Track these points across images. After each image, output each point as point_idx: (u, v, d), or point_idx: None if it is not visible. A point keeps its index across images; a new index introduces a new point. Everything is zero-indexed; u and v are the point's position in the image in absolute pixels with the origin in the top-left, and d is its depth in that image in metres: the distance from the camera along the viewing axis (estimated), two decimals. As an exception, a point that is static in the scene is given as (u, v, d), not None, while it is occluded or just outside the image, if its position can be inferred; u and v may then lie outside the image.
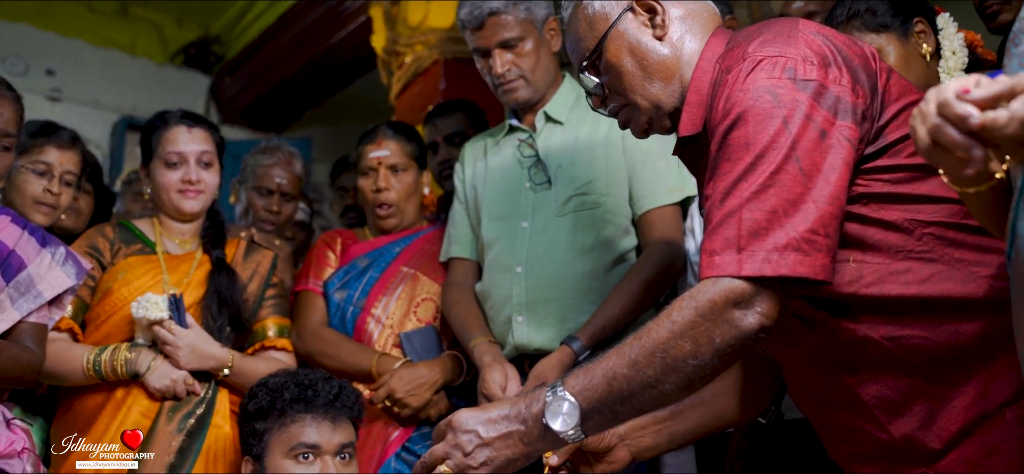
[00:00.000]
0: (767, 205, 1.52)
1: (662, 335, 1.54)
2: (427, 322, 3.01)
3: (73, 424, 2.70)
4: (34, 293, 2.52)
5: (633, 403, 1.58)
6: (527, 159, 2.80)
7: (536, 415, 1.61)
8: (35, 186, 2.81)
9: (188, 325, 2.71)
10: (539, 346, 2.68)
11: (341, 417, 2.46)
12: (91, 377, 2.65)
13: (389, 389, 2.84)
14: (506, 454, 1.63)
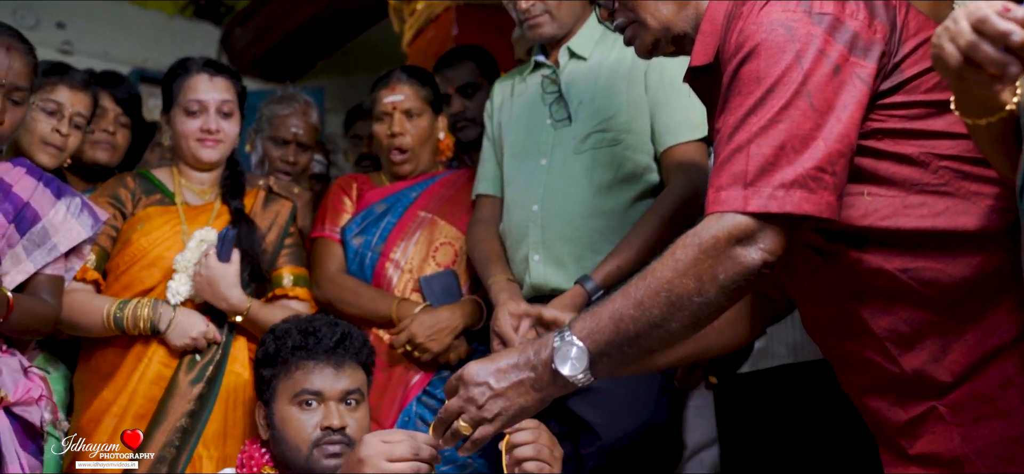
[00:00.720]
0: (775, 140, 1.52)
1: (666, 274, 1.55)
2: (446, 266, 3.01)
3: (95, 373, 2.74)
4: (49, 246, 2.54)
5: (640, 344, 1.58)
6: (549, 95, 2.78)
7: (545, 361, 1.62)
8: (44, 125, 2.78)
9: (228, 261, 2.73)
10: (555, 286, 2.68)
11: (346, 363, 2.43)
12: (111, 330, 2.68)
13: (409, 334, 2.86)
14: (519, 402, 1.65)
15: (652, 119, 2.67)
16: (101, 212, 2.66)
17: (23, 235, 2.50)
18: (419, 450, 1.85)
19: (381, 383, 2.88)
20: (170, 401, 2.70)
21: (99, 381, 2.72)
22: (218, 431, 2.74)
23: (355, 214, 3.11)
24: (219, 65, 2.92)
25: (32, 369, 2.51)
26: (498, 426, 1.67)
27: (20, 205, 2.50)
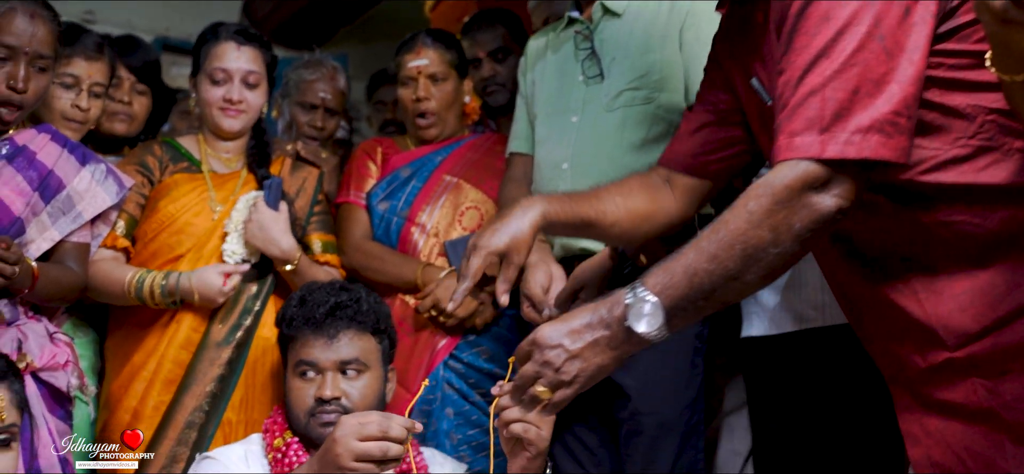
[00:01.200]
0: (850, 84, 1.48)
1: (740, 226, 1.52)
2: (472, 230, 2.99)
3: (125, 338, 2.75)
4: (74, 213, 2.54)
5: (716, 297, 1.56)
6: (582, 51, 2.75)
7: (619, 318, 1.59)
8: (63, 101, 2.76)
9: (277, 208, 2.74)
10: (584, 246, 2.65)
11: (342, 332, 2.41)
12: (133, 301, 2.68)
13: (434, 299, 2.85)
14: (596, 362, 1.62)
15: (686, 78, 2.64)
16: (127, 178, 2.66)
17: (48, 203, 2.50)
18: (389, 429, 1.88)
19: (408, 348, 2.88)
20: (199, 366, 2.71)
21: (129, 346, 2.73)
22: (246, 396, 2.75)
23: (380, 179, 3.10)
24: (249, 34, 2.88)
25: (58, 335, 2.53)
26: (577, 388, 1.65)
27: (45, 173, 2.50)
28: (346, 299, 2.45)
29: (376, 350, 2.46)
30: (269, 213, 2.74)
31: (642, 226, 2.06)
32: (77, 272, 2.56)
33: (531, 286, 2.64)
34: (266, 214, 2.74)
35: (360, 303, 2.46)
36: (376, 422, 1.89)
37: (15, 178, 2.46)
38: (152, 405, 2.68)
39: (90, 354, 2.78)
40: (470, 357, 2.92)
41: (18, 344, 2.41)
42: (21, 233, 2.46)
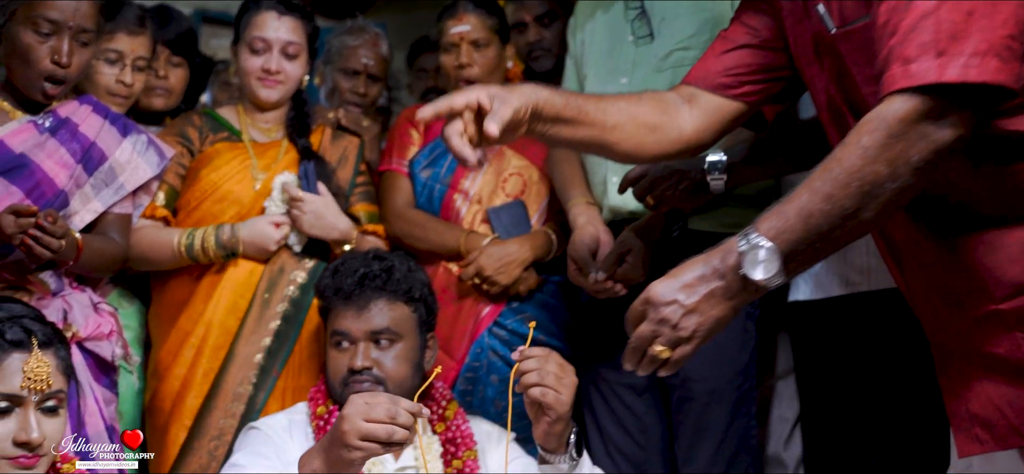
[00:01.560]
0: (964, 6, 1.43)
1: (854, 163, 1.47)
2: (515, 197, 2.97)
3: (169, 304, 2.75)
4: (116, 185, 2.54)
5: (832, 237, 1.52)
6: (632, 11, 2.70)
7: (733, 267, 1.54)
8: (107, 77, 2.76)
9: (319, 193, 2.72)
10: (633, 209, 2.62)
11: (373, 302, 2.40)
12: (184, 260, 2.68)
13: (478, 267, 2.83)
14: (713, 315, 1.57)
15: None
16: (167, 149, 2.65)
17: (90, 174, 2.51)
18: (396, 414, 1.87)
19: (451, 315, 2.86)
20: (244, 336, 2.70)
21: (174, 311, 2.72)
22: (295, 365, 2.74)
23: (422, 146, 3.08)
24: (289, 3, 2.84)
25: (102, 305, 2.54)
26: (697, 344, 1.60)
27: (87, 145, 2.50)
28: (376, 269, 2.44)
29: (410, 319, 2.45)
30: (318, 200, 2.73)
31: (647, 138, 1.97)
32: (119, 243, 2.56)
33: (578, 249, 2.62)
34: (317, 202, 2.73)
35: (392, 272, 2.44)
36: (384, 405, 1.88)
37: (59, 150, 2.47)
38: (202, 372, 2.68)
39: (135, 324, 2.79)
40: (514, 324, 2.89)
41: (63, 314, 2.43)
42: (65, 205, 2.47)
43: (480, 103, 1.76)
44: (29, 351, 1.79)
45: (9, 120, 2.46)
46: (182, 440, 2.64)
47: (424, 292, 2.49)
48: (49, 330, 1.86)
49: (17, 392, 1.78)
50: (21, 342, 1.79)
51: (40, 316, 1.88)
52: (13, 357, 1.78)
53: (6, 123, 2.45)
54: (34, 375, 1.79)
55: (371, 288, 2.41)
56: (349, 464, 1.91)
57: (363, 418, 1.87)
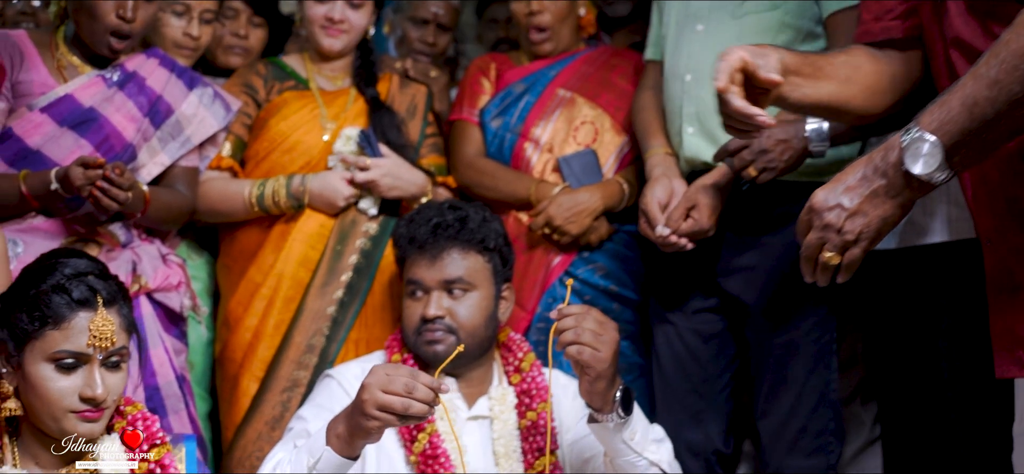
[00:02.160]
0: None
1: (1022, 45, 1.42)
2: (586, 145, 2.91)
3: (239, 256, 2.76)
4: (183, 138, 2.57)
5: (1000, 127, 1.47)
6: None
7: (895, 164, 1.51)
8: (174, 29, 2.77)
9: (383, 155, 2.71)
10: (708, 161, 2.56)
11: (446, 250, 2.38)
12: (254, 211, 2.68)
13: (547, 216, 2.77)
14: (878, 214, 1.55)
15: None
16: (233, 101, 2.66)
17: (157, 127, 2.54)
18: (413, 388, 1.88)
19: (522, 265, 2.82)
20: (316, 289, 2.70)
21: (244, 263, 2.73)
22: (368, 317, 2.74)
23: (493, 95, 3.03)
24: None
25: (170, 256, 2.57)
26: (864, 246, 1.58)
27: (154, 98, 2.53)
28: (451, 218, 2.42)
29: (485, 269, 2.43)
30: (390, 162, 2.71)
31: (872, 94, 1.90)
32: (186, 195, 2.59)
33: (648, 201, 2.56)
34: (387, 163, 2.71)
35: (466, 221, 2.42)
36: (402, 379, 1.90)
37: (126, 104, 2.50)
38: (273, 324, 2.69)
39: (204, 276, 2.81)
40: (586, 274, 2.84)
41: (132, 266, 2.46)
42: (133, 159, 2.50)
43: (744, 61, 1.74)
44: (94, 310, 1.82)
45: (78, 74, 2.49)
46: (254, 391, 2.65)
47: (499, 242, 2.47)
48: (113, 287, 1.88)
49: (84, 350, 1.81)
50: (87, 301, 1.82)
51: (104, 271, 1.90)
52: (80, 316, 1.81)
53: (75, 78, 2.48)
54: (100, 333, 1.81)
55: (445, 237, 2.39)
56: (367, 432, 1.93)
57: (381, 389, 1.89)
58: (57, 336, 1.80)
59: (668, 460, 2.17)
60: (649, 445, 2.14)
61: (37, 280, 1.84)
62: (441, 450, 2.29)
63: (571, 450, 2.35)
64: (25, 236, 2.39)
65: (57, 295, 1.81)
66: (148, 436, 1.94)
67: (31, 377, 1.81)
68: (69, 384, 1.81)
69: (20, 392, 1.84)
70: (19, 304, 1.83)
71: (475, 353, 2.37)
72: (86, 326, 1.81)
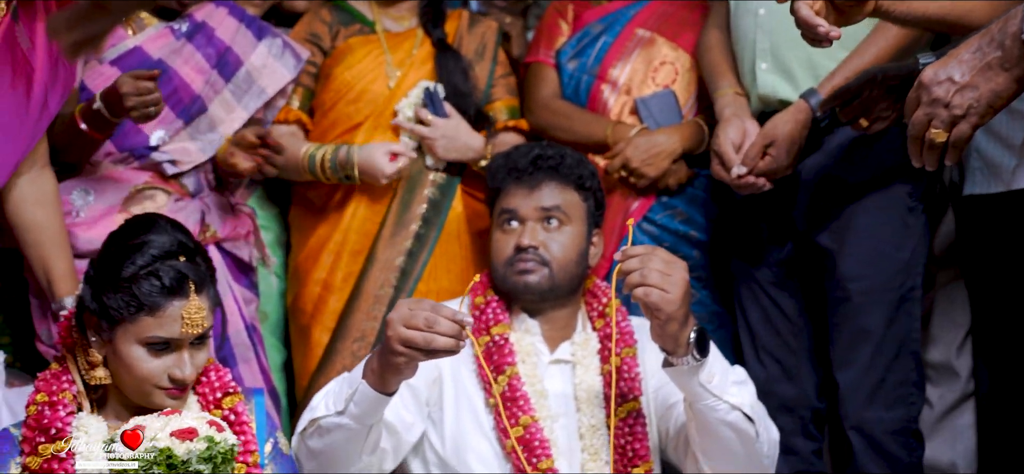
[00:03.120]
0: None
1: None
2: (666, 86, 2.81)
3: (308, 210, 2.75)
4: (256, 90, 2.56)
5: None
6: None
7: (1015, 34, 1.43)
8: None
9: (447, 114, 2.67)
10: (783, 98, 2.46)
11: (544, 182, 2.33)
12: (307, 177, 2.67)
13: (624, 158, 2.69)
14: (990, 88, 1.48)
15: None
16: (302, 50, 2.64)
17: (227, 80, 2.52)
18: (435, 322, 1.84)
19: (597, 208, 2.76)
20: (384, 240, 2.68)
21: (312, 218, 2.72)
22: (435, 268, 2.72)
23: (570, 36, 2.94)
24: None
25: (240, 207, 2.57)
26: (974, 122, 1.50)
27: (222, 49, 2.52)
28: (550, 152, 2.38)
29: (580, 206, 2.37)
30: (449, 124, 2.67)
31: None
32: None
33: (721, 143, 2.47)
34: (447, 126, 2.67)
35: (565, 157, 2.37)
36: (423, 314, 1.86)
37: (194, 56, 2.50)
38: (341, 276, 2.68)
39: (275, 227, 2.81)
40: (664, 219, 2.76)
41: (201, 216, 2.48)
42: (202, 111, 2.49)
43: None
44: (186, 297, 1.84)
45: (147, 27, 2.49)
46: (325, 342, 2.66)
47: (594, 184, 2.41)
48: (201, 269, 1.90)
49: (176, 336, 1.85)
50: (179, 288, 1.84)
51: (189, 247, 1.90)
52: (173, 305, 1.83)
53: (144, 30, 2.49)
54: (192, 321, 1.84)
55: (544, 169, 2.35)
56: (396, 369, 1.91)
57: (404, 324, 1.86)
58: (150, 322, 1.83)
59: (750, 403, 2.08)
60: (729, 388, 2.05)
61: (126, 260, 1.85)
62: (521, 393, 2.24)
63: (656, 396, 2.29)
64: (95, 185, 2.43)
65: (149, 282, 1.82)
66: (221, 385, 1.95)
67: (122, 354, 1.85)
68: (159, 365, 1.85)
69: (108, 361, 1.88)
70: (110, 285, 1.85)
71: (564, 290, 2.32)
72: (178, 313, 1.83)
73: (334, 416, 2.01)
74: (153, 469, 1.74)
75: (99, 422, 1.88)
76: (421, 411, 2.25)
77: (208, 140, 2.50)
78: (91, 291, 1.87)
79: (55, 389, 1.87)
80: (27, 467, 1.82)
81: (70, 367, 1.92)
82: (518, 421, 2.21)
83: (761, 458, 2.10)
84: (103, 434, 1.86)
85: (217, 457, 1.77)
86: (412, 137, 2.68)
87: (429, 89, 2.68)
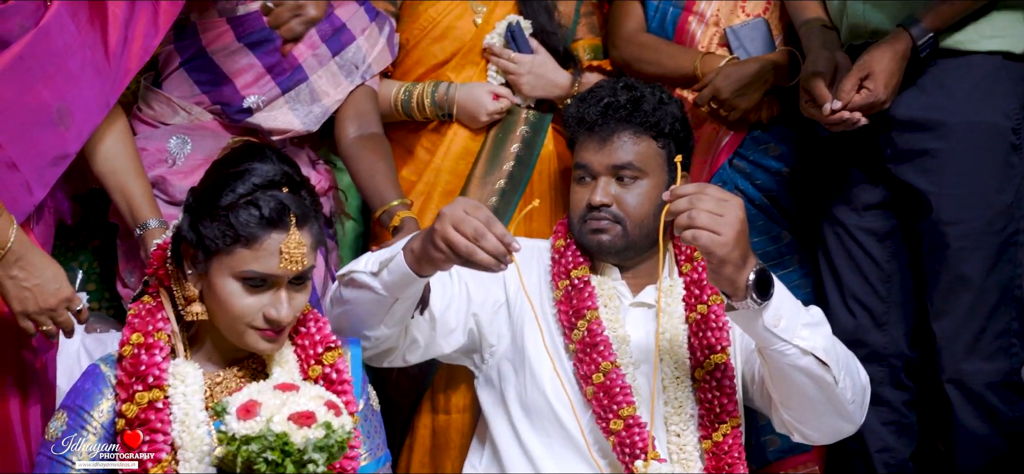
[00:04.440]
0: None
1: None
2: (757, 16, 2.69)
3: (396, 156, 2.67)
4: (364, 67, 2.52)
5: None
6: None
7: None
8: None
9: (533, 50, 2.62)
10: (876, 26, 2.37)
11: (618, 133, 2.24)
12: (401, 116, 2.64)
13: (714, 89, 2.58)
14: None
15: None
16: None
17: (335, 54, 2.49)
18: (483, 236, 1.81)
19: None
20: (477, 179, 2.66)
21: (398, 161, 2.68)
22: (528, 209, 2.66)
23: (655, -33, 2.83)
24: None
25: (319, 164, 2.58)
26: None
27: (338, 26, 2.49)
28: (623, 99, 2.28)
29: (658, 155, 2.28)
30: (535, 60, 2.62)
31: None
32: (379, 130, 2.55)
33: (811, 77, 2.37)
34: (534, 62, 2.62)
35: (640, 103, 2.27)
36: (475, 224, 1.82)
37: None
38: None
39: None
40: (756, 155, 2.66)
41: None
42: (303, 81, 2.47)
43: None
44: (286, 230, 1.78)
45: None
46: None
47: (675, 127, 2.31)
48: (305, 202, 1.83)
49: (273, 272, 1.79)
50: (279, 220, 1.78)
51: (295, 179, 1.84)
52: (272, 237, 1.77)
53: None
54: (291, 257, 1.78)
55: (615, 119, 2.27)
56: (433, 262, 1.89)
57: (453, 225, 1.83)
58: (246, 255, 1.77)
59: (824, 346, 1.97)
60: (799, 331, 1.94)
61: (226, 188, 1.80)
62: (601, 338, 2.20)
63: (742, 341, 2.22)
64: (193, 134, 2.43)
65: (248, 211, 1.77)
66: (322, 338, 1.92)
67: (216, 288, 1.80)
68: (255, 302, 1.80)
69: (204, 297, 1.85)
70: (208, 213, 1.80)
71: (642, 245, 2.27)
72: (277, 247, 1.77)
73: (367, 275, 2.00)
74: (266, 454, 1.65)
75: (196, 370, 1.85)
76: (465, 325, 2.24)
77: (310, 112, 2.48)
78: (189, 219, 1.83)
79: (150, 328, 1.85)
80: (123, 414, 1.80)
81: (164, 302, 1.89)
82: (598, 367, 2.17)
83: (844, 404, 2.02)
84: (200, 384, 1.84)
85: (333, 446, 1.69)
86: (499, 73, 2.64)
87: (512, 24, 2.63)
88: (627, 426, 2.13)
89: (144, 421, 1.79)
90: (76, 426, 1.85)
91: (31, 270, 1.86)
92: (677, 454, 2.17)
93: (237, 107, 2.42)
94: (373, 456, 1.97)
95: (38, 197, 2.05)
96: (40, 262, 1.88)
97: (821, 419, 2.07)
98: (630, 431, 2.12)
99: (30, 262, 1.86)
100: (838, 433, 2.13)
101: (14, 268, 1.84)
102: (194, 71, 2.43)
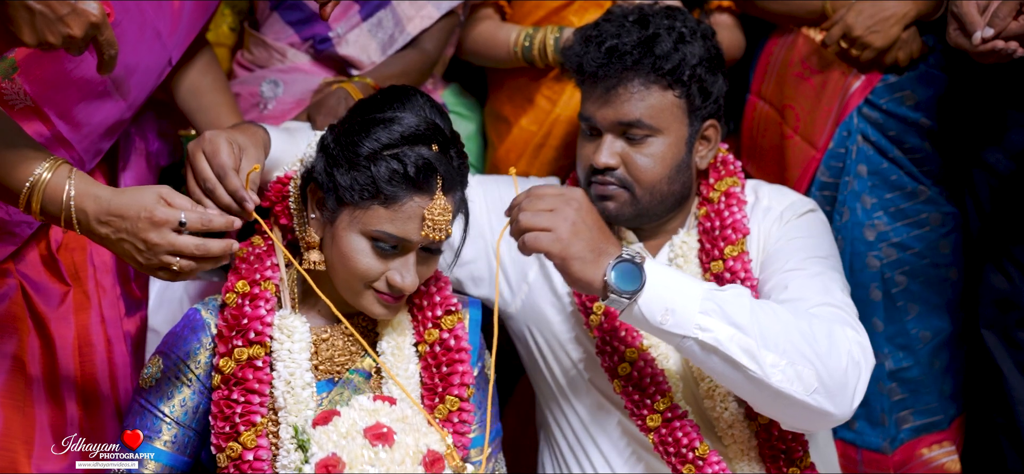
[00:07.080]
0: None
1: None
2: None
3: (509, 101, 2.59)
4: None
5: None
6: None
7: None
8: None
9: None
10: None
11: (624, 83, 1.96)
12: (520, 62, 2.48)
13: (845, 26, 2.35)
14: None
15: None
16: None
17: None
18: (225, 176, 1.65)
19: (813, 92, 2.46)
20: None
21: (515, 109, 2.56)
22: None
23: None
24: None
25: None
26: None
27: None
28: (633, 39, 1.96)
29: (674, 107, 1.99)
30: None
31: None
32: (422, 57, 2.45)
33: (962, 2, 2.05)
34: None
35: (653, 45, 1.96)
36: (223, 162, 1.65)
37: None
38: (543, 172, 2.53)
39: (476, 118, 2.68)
40: (890, 104, 2.41)
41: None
42: (384, 5, 2.40)
43: None
44: (430, 195, 1.65)
45: None
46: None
47: (699, 71, 1.99)
48: (453, 165, 1.68)
49: (408, 238, 1.66)
50: (425, 184, 1.64)
51: (444, 136, 1.69)
52: (413, 201, 1.64)
53: None
54: (434, 223, 1.65)
55: (622, 66, 1.96)
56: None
57: (208, 154, 1.66)
58: (382, 214, 1.65)
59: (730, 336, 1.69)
60: (695, 319, 1.69)
61: (367, 135, 1.65)
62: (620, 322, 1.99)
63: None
64: (286, 76, 2.38)
65: (390, 165, 1.63)
66: (442, 300, 1.81)
67: (341, 241, 1.68)
68: (380, 265, 1.68)
69: (324, 245, 1.73)
70: (346, 159, 1.66)
71: (656, 211, 2.04)
72: (416, 211, 1.64)
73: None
74: None
75: (303, 324, 1.73)
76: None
77: (391, 38, 2.41)
78: (325, 160, 1.69)
79: (258, 277, 1.73)
80: (219, 369, 1.69)
81: (276, 244, 1.76)
82: (623, 356, 1.98)
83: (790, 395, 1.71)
84: (307, 341, 1.72)
85: None
86: None
87: None
88: (666, 420, 1.91)
89: (241, 379, 1.69)
90: (171, 376, 1.74)
91: None
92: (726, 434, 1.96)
93: (324, 33, 2.38)
94: (483, 429, 1.83)
95: (88, 169, 2.00)
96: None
97: (779, 412, 1.79)
98: (671, 426, 1.91)
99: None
100: (816, 424, 1.85)
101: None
102: (285, 11, 2.40)
